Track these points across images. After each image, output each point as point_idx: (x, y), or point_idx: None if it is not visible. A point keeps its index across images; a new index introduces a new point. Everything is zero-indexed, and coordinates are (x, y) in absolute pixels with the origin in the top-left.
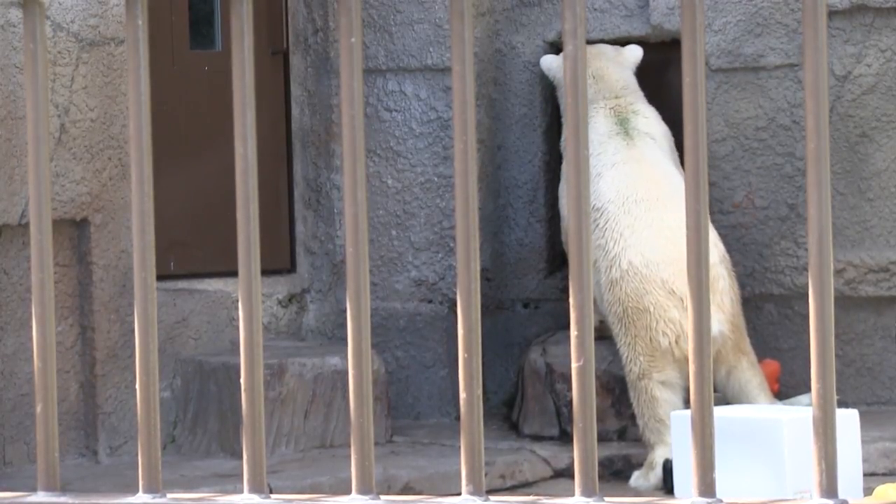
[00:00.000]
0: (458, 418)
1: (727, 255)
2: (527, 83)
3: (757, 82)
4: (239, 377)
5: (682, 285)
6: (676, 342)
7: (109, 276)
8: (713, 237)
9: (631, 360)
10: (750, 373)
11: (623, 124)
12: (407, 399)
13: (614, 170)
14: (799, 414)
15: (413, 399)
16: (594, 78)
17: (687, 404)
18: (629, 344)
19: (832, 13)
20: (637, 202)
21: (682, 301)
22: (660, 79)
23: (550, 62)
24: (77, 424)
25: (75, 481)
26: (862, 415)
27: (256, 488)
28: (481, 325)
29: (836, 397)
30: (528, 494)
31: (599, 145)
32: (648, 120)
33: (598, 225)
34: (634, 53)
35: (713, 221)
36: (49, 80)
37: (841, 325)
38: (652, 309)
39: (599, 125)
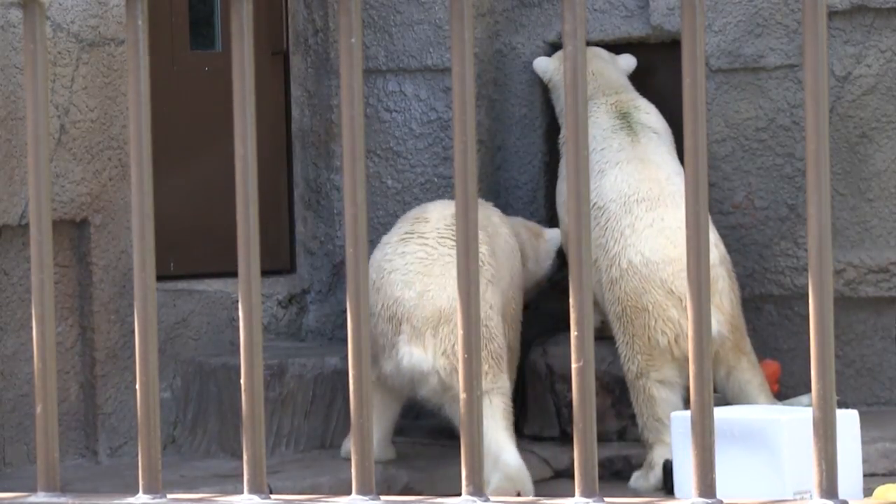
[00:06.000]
0: None
1: (727, 256)
2: (527, 84)
3: (757, 83)
4: (239, 378)
5: (682, 285)
6: (675, 341)
7: (109, 277)
8: (713, 238)
9: (629, 358)
10: (750, 373)
11: (625, 118)
12: None
13: (618, 168)
14: (799, 414)
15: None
16: (594, 74)
17: (686, 403)
18: (627, 343)
19: (832, 14)
20: (639, 202)
21: (681, 300)
22: (659, 80)
23: (546, 64)
24: (77, 425)
25: (75, 482)
26: (862, 415)
27: (256, 489)
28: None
29: (835, 398)
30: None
31: (603, 141)
32: (650, 115)
33: (598, 224)
34: (629, 62)
35: (713, 222)
36: (49, 81)
37: (841, 325)
38: (651, 308)
39: (601, 121)
